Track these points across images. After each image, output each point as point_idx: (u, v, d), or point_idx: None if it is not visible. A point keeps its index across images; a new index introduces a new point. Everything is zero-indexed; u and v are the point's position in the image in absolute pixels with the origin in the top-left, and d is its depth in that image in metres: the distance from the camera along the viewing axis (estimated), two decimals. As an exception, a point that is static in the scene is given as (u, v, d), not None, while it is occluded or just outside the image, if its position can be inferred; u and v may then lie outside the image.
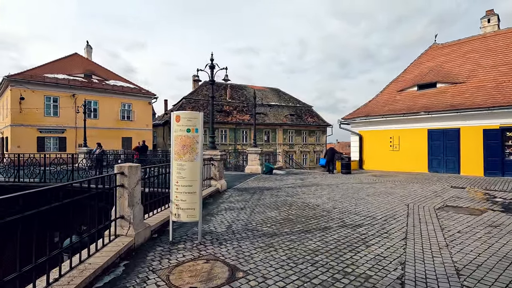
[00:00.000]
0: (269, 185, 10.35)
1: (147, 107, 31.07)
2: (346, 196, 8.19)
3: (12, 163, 11.49)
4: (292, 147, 39.64)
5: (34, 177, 11.03)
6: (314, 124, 41.46)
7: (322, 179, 12.54)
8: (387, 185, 10.38)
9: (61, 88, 25.19)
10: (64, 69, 27.26)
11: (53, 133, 25.07)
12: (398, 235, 4.64)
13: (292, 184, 10.83)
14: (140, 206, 4.21)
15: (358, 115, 16.86)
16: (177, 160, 4.14)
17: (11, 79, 22.98)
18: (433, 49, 17.48)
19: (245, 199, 7.74)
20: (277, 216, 5.84)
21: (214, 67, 8.93)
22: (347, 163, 14.47)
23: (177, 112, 4.18)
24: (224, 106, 37.88)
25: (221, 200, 7.55)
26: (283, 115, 40.23)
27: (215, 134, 9.57)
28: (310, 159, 40.70)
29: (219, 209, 6.56)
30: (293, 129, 39.92)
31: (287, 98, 44.34)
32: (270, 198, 7.87)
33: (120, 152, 21.01)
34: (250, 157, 14.93)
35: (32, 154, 11.53)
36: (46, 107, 24.64)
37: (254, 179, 12.21)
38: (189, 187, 4.11)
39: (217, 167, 8.76)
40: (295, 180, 12.12)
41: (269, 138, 38.62)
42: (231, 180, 11.60)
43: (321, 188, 9.66)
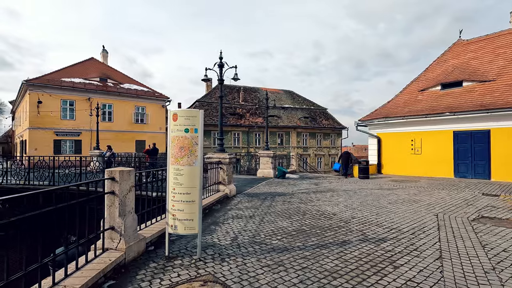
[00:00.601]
0: (281, 191, 9.76)
1: (161, 110, 31.17)
2: (365, 203, 7.49)
3: (23, 165, 11.46)
4: (306, 150, 38.77)
5: (44, 180, 10.94)
6: (329, 127, 40.44)
7: (338, 184, 11.81)
8: (410, 191, 9.55)
9: (77, 92, 25.62)
10: (80, 73, 27.78)
11: (69, 136, 25.49)
12: (430, 253, 3.95)
13: (306, 189, 10.19)
14: (133, 215, 3.75)
15: (376, 116, 15.99)
16: (174, 164, 3.66)
17: (29, 84, 23.55)
18: (458, 45, 16.38)
19: (255, 205, 7.19)
20: (289, 227, 5.26)
21: (223, 66, 8.50)
22: (365, 167, 13.65)
23: (174, 109, 3.71)
24: (237, 109, 37.59)
25: (229, 207, 7.03)
26: (297, 118, 39.48)
27: (224, 136, 9.09)
28: (325, 162, 39.66)
29: (226, 217, 6.04)
30: (307, 132, 39.07)
31: (301, 100, 43.58)
32: (282, 205, 7.29)
33: (133, 155, 21.00)
34: (262, 160, 14.38)
35: (42, 157, 11.47)
36: (62, 111, 25.10)
37: (266, 183, 11.65)
38: (187, 195, 3.62)
39: (226, 171, 8.27)
40: (309, 185, 11.46)
41: (282, 141, 37.94)
42: (242, 184, 11.09)
43: (337, 195, 8.97)
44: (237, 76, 8.59)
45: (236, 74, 8.59)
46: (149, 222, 4.57)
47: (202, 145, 3.70)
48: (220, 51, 8.53)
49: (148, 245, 4.07)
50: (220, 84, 8.48)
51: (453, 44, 16.78)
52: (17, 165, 11.59)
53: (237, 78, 8.66)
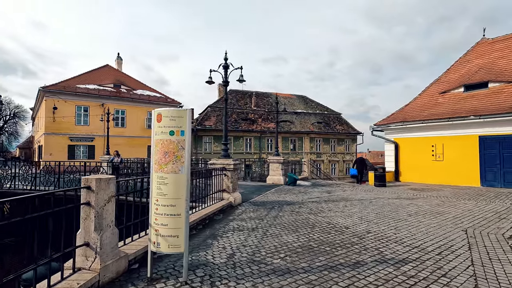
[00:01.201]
0: (290, 199, 9.15)
1: (173, 116, 31.20)
2: (382, 215, 6.78)
3: (30, 170, 11.42)
4: (320, 156, 37.82)
5: (50, 185, 10.82)
6: (343, 132, 39.37)
7: (352, 192, 11.06)
8: (432, 201, 8.71)
9: (91, 98, 26.04)
10: (95, 80, 28.30)
11: (83, 141, 25.85)
12: (463, 281, 3.27)
13: (317, 198, 9.52)
14: (112, 229, 3.30)
15: (393, 120, 15.12)
16: (158, 172, 3.19)
17: (46, 90, 24.13)
18: (482, 44, 15.34)
19: (260, 216, 6.63)
20: (295, 242, 4.67)
21: (228, 67, 8.08)
22: (381, 174, 12.81)
23: (158, 109, 3.25)
24: (249, 114, 37.26)
25: (232, 217, 6.51)
26: (310, 123, 38.69)
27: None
28: (339, 169, 38.52)
29: (226, 228, 5.52)
30: (320, 138, 38.17)
31: (314, 105, 42.79)
32: (289, 216, 6.69)
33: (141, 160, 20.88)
34: (272, 166, 13.81)
35: (48, 162, 11.40)
36: (77, 116, 25.53)
37: (275, 191, 11.06)
38: (171, 207, 3.13)
39: (230, 177, 7.78)
40: (321, 193, 10.78)
41: (295, 147, 37.20)
42: (249, 191, 10.56)
43: (351, 204, 8.27)
44: (242, 77, 8.15)
45: (242, 76, 8.15)
46: (136, 236, 4.11)
47: (190, 150, 3.23)
48: (225, 52, 8.14)
49: (132, 263, 3.60)
50: (225, 86, 8.06)
51: (476, 44, 15.75)
52: (25, 170, 11.56)
53: (243, 79, 8.22)
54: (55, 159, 23.86)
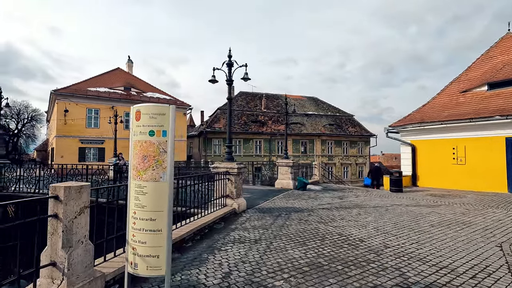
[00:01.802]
0: (299, 206, 8.54)
1: (182, 118, 31.12)
2: (401, 225, 6.10)
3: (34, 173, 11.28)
4: (332, 159, 36.87)
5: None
6: (356, 135, 38.30)
7: (366, 198, 10.34)
8: (456, 209, 7.93)
9: (101, 101, 26.19)
10: (105, 83, 28.52)
11: (93, 143, 25.99)
12: (510, 317, 2.62)
13: (328, 204, 8.88)
14: (86, 246, 2.83)
15: (410, 121, 14.27)
16: (135, 179, 2.71)
17: (57, 93, 24.41)
18: (507, 39, 14.31)
19: (265, 225, 6.08)
20: (302, 258, 4.10)
21: (232, 65, 7.61)
22: (398, 178, 12.01)
23: (137, 105, 2.78)
24: (259, 116, 36.79)
25: (234, 226, 5.99)
26: (322, 125, 37.84)
27: (232, 143, 8.15)
28: (352, 172, 37.43)
29: (226, 240, 5.00)
30: (332, 140, 37.24)
31: (325, 107, 41.91)
32: (297, 225, 6.11)
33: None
34: (281, 170, 13.22)
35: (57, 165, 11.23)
36: (87, 119, 25.71)
37: (284, 196, 10.47)
38: (151, 222, 2.64)
39: (234, 182, 7.27)
40: (332, 199, 10.11)
41: (306, 149, 36.43)
42: (256, 197, 10.02)
43: (365, 212, 7.60)
44: (247, 75, 7.66)
45: (247, 74, 7.66)
46: (120, 250, 3.64)
47: (173, 153, 2.73)
48: (229, 49, 7.68)
49: (110, 284, 3.13)
50: (229, 85, 7.58)
51: (500, 39, 14.72)
52: (29, 173, 11.43)
53: (248, 77, 7.72)
54: (66, 161, 24.05)
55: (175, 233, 4.65)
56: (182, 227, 5.04)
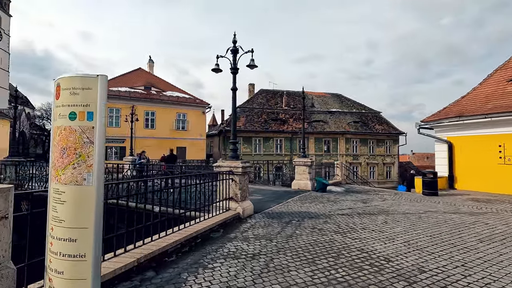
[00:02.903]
0: (315, 210, 7.52)
1: (201, 117, 30.88)
2: (438, 239, 4.92)
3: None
4: (357, 159, 34.96)
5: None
6: (384, 133, 36.00)
7: (394, 202, 9.05)
8: (508, 219, 6.52)
9: (122, 100, 26.50)
10: (127, 83, 28.90)
11: (115, 142, 26.39)
12: None
13: (350, 209, 7.76)
14: (6, 269, 2.10)
15: (446, 116, 12.63)
16: (54, 181, 1.92)
17: (80, 93, 25.00)
18: None
19: (270, 234, 5.17)
20: (306, 285, 3.15)
21: (237, 52, 6.76)
22: (432, 180, 10.54)
23: (59, 77, 2.00)
24: (279, 114, 35.73)
25: (234, 234, 5.13)
26: (346, 123, 36.01)
27: (238, 140, 7.33)
28: (379, 172, 35.25)
29: (218, 253, 4.16)
30: (357, 138, 35.29)
31: (350, 103, 39.92)
32: (308, 235, 5.13)
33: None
34: (298, 169, 12.17)
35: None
36: (109, 118, 26.11)
37: (299, 198, 9.46)
38: (70, 243, 1.84)
39: (239, 183, 6.42)
40: (355, 202, 8.94)
41: (329, 148, 34.82)
42: (268, 199, 9.11)
43: (393, 220, 6.42)
44: (253, 62, 6.77)
45: (253, 60, 6.77)
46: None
47: (103, 146, 1.92)
48: (233, 34, 6.84)
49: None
50: (233, 73, 6.74)
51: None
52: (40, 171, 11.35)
53: (254, 65, 6.83)
54: (89, 160, 24.57)
55: (156, 244, 3.89)
56: (169, 235, 4.27)
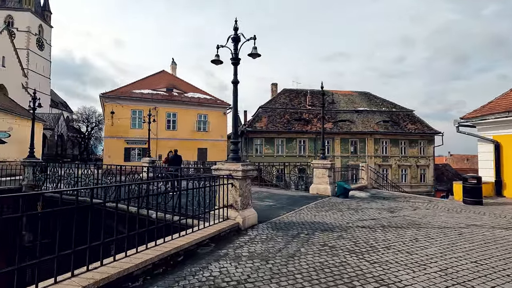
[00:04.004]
0: (330, 220, 6.49)
1: (222, 118, 30.54)
2: (488, 266, 3.74)
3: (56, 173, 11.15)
4: (386, 160, 32.70)
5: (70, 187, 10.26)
6: (417, 132, 33.34)
7: (428, 212, 7.73)
8: None
9: (144, 102, 26.86)
10: (150, 85, 29.33)
11: (137, 144, 26.75)
12: None
13: (372, 220, 6.63)
14: None
15: (491, 111, 10.89)
16: None
17: (105, 96, 25.68)
18: None
19: (268, 252, 4.30)
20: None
21: (238, 40, 5.98)
22: (475, 186, 8.99)
23: None
24: (303, 114, 34.49)
25: (225, 251, 4.33)
26: (374, 122, 33.87)
27: (239, 139, 6.51)
28: (412, 175, 32.66)
29: (195, 279, 3.37)
30: (387, 139, 33.01)
31: (379, 102, 37.60)
32: (315, 255, 4.19)
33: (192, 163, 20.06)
34: (316, 172, 11.10)
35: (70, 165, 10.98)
36: (132, 120, 26.58)
37: (315, 205, 8.44)
38: None
39: (239, 189, 5.60)
40: (380, 211, 7.75)
41: (356, 150, 32.92)
42: (279, 205, 8.19)
43: (425, 237, 5.25)
44: (256, 50, 5.94)
45: (255, 48, 5.93)
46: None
47: None
48: (235, 20, 6.06)
49: None
50: (234, 64, 5.95)
51: None
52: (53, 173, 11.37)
53: (257, 54, 5.99)
54: (113, 161, 25.06)
55: (117, 265, 3.19)
56: (140, 253, 3.56)
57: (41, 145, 28.98)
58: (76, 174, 10.86)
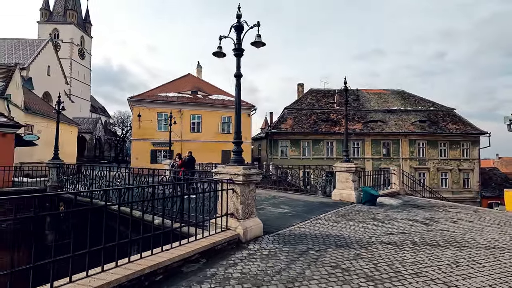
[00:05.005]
0: (349, 234, 5.58)
1: (246, 119, 30.09)
2: None
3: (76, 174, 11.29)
4: (424, 163, 30.09)
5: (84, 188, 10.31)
6: (459, 133, 30.30)
7: (472, 225, 6.48)
8: None
9: (170, 105, 27.21)
10: (175, 88, 29.79)
11: (163, 146, 27.13)
12: None
13: (402, 234, 5.61)
14: None
15: (553, 106, 9.13)
16: None
17: (132, 100, 26.44)
18: None
19: (265, 274, 3.57)
20: None
21: (242, 29, 5.34)
22: (533, 195, 7.47)
23: None
24: (330, 115, 32.99)
25: (215, 270, 3.67)
26: (410, 122, 31.41)
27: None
28: (453, 180, 29.72)
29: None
30: (424, 140, 30.40)
31: (414, 100, 34.93)
32: (321, 281, 3.39)
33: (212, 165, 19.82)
34: (339, 176, 10.08)
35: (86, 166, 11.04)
36: (158, 123, 27.09)
37: (335, 214, 7.50)
38: None
39: (240, 196, 4.94)
40: (412, 223, 6.64)
41: (389, 152, 30.71)
42: (294, 213, 7.38)
43: (470, 260, 4.19)
44: (259, 38, 5.25)
45: (259, 36, 5.25)
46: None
47: None
48: (238, 6, 5.44)
49: None
50: (237, 55, 5.32)
51: None
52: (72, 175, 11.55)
53: (261, 42, 5.30)
54: (140, 163, 25.68)
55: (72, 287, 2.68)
56: (108, 272, 3.04)
57: (76, 147, 30.65)
58: (107, 176, 10.97)
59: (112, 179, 8.93)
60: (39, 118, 22.25)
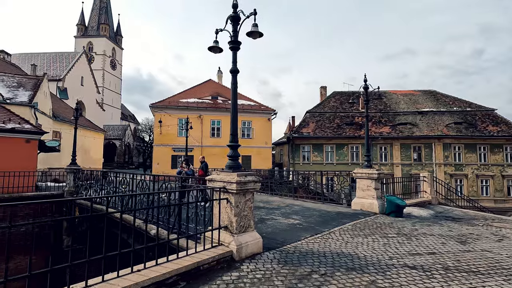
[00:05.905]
0: (364, 253, 4.73)
1: (267, 124, 29.57)
2: None
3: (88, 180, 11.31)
4: (460, 169, 27.59)
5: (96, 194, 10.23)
6: (501, 136, 27.48)
7: (522, 246, 5.32)
8: None
9: (190, 111, 27.42)
10: (196, 94, 30.02)
11: (183, 151, 27.32)
12: None
13: (430, 255, 4.66)
14: None
15: None
16: None
17: (154, 106, 26.93)
18: None
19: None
20: None
21: (238, 19, 4.79)
22: None
23: None
24: (355, 118, 31.47)
25: (192, 297, 3.07)
26: (443, 124, 29.07)
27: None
28: (495, 187, 26.89)
29: None
30: (460, 144, 27.92)
31: (448, 101, 32.42)
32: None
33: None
34: (360, 184, 9.12)
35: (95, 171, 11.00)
36: (178, 128, 27.33)
37: (353, 227, 6.62)
38: None
39: (235, 206, 4.33)
40: (445, 240, 5.61)
41: (420, 157, 28.55)
42: (306, 225, 6.61)
43: (521, 296, 3.22)
44: (257, 28, 4.65)
45: (256, 25, 4.65)
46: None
47: None
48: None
49: None
50: (233, 49, 4.76)
51: None
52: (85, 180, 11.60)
53: (259, 32, 4.70)
54: (161, 168, 25.99)
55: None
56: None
57: (102, 153, 31.79)
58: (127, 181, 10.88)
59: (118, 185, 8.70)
60: (67, 125, 23.25)
